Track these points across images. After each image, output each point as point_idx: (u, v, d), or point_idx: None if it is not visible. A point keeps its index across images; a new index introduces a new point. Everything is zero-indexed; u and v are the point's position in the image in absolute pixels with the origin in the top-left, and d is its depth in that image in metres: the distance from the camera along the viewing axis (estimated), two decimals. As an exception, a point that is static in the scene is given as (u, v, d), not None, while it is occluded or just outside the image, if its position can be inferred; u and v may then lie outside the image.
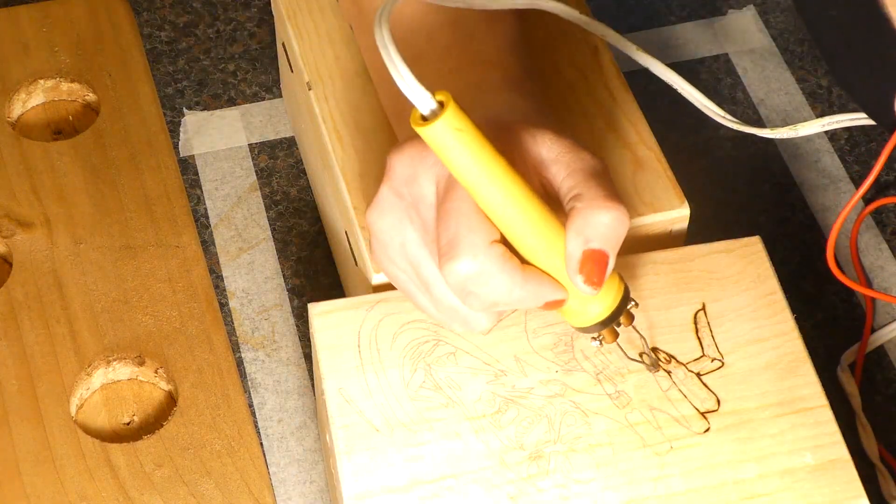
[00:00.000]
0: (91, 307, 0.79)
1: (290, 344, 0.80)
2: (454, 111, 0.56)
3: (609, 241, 0.60)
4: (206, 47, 0.93)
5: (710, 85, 0.92)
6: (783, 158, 0.88)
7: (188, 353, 0.78)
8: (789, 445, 0.63)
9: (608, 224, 0.59)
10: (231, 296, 0.82)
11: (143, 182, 0.85)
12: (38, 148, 0.86)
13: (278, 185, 0.86)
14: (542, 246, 0.60)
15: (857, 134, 0.90)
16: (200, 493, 0.73)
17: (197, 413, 0.76)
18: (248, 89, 0.91)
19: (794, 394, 0.65)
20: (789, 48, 0.94)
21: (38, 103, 0.89)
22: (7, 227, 0.82)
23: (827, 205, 0.86)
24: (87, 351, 0.78)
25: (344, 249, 0.77)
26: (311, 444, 0.76)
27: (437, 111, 0.56)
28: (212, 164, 0.87)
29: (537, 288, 0.60)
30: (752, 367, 0.66)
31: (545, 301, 0.61)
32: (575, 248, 0.59)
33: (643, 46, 0.93)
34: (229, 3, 0.95)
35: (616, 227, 0.60)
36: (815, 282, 0.83)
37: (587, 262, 0.59)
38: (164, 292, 0.80)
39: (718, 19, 0.95)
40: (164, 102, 0.90)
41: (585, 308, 0.62)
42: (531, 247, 0.60)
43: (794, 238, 0.85)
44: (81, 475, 0.73)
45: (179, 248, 0.82)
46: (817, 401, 0.64)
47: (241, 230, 0.84)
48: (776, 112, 0.91)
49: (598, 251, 0.59)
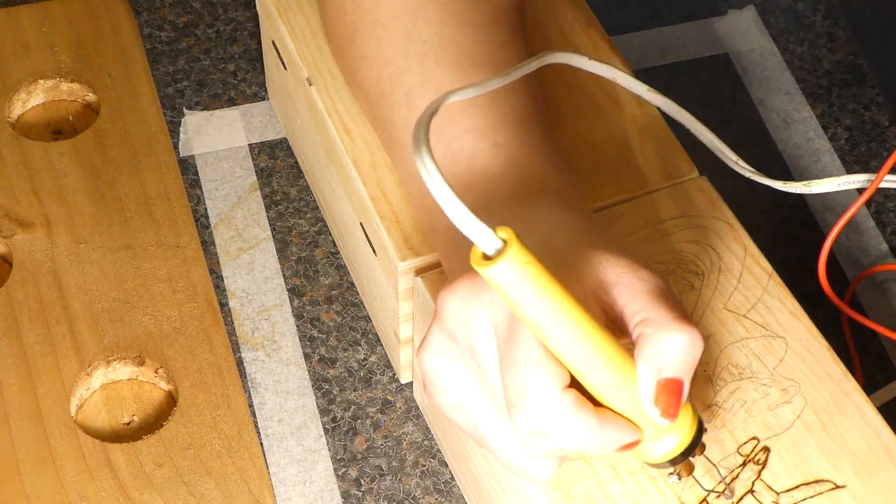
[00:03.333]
0: (91, 307, 0.79)
1: (290, 344, 0.80)
2: (518, 249, 0.52)
3: (683, 367, 0.56)
4: (206, 47, 0.93)
5: (710, 85, 0.92)
6: (783, 158, 0.88)
7: (188, 353, 0.78)
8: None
9: (681, 349, 0.56)
10: (231, 296, 0.82)
11: (143, 182, 0.85)
12: (38, 148, 0.86)
13: (278, 185, 0.86)
14: (614, 382, 0.56)
15: (857, 134, 0.90)
16: (200, 493, 0.73)
17: (197, 413, 0.76)
18: (248, 89, 0.91)
19: None
20: (789, 48, 0.94)
21: (38, 103, 0.89)
22: (7, 227, 0.82)
23: (827, 205, 0.86)
24: (87, 351, 0.78)
25: (356, 242, 0.77)
26: (311, 444, 0.76)
27: (500, 249, 0.52)
28: (212, 164, 0.87)
29: (613, 433, 0.56)
30: None
31: (621, 445, 0.57)
32: (648, 379, 0.56)
33: (643, 46, 0.93)
34: (229, 3, 0.95)
35: (690, 350, 0.56)
36: (815, 282, 0.83)
37: (662, 392, 0.56)
38: (164, 292, 0.80)
39: (718, 19, 0.95)
40: (164, 102, 0.90)
41: (661, 442, 0.58)
42: (603, 384, 0.56)
43: (794, 238, 0.85)
44: (81, 475, 0.73)
45: (179, 248, 0.82)
46: None
47: (241, 230, 0.84)
48: (776, 112, 0.90)
49: (673, 380, 0.56)
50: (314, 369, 0.79)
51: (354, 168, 0.73)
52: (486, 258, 0.52)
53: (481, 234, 0.51)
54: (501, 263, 0.51)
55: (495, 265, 0.51)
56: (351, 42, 0.72)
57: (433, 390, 0.60)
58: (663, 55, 0.93)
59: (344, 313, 0.81)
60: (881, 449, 0.64)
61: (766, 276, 0.69)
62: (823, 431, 0.64)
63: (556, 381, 0.55)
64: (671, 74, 0.92)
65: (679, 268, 0.69)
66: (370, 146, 0.74)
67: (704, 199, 0.72)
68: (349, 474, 0.75)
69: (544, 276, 0.53)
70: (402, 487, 0.75)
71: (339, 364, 0.79)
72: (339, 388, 0.78)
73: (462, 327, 0.57)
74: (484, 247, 0.51)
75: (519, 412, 0.55)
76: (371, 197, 0.72)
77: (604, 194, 0.73)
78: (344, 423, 0.77)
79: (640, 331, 0.56)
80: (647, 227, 0.71)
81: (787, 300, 0.69)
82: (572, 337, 0.54)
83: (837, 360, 0.67)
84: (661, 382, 0.56)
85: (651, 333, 0.56)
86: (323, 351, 0.80)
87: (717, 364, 0.66)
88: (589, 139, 0.76)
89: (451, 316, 0.58)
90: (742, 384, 0.65)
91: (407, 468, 0.76)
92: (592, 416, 0.56)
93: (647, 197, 0.73)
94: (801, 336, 0.67)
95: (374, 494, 0.75)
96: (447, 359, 0.58)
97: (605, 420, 0.56)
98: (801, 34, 0.95)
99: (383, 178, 0.73)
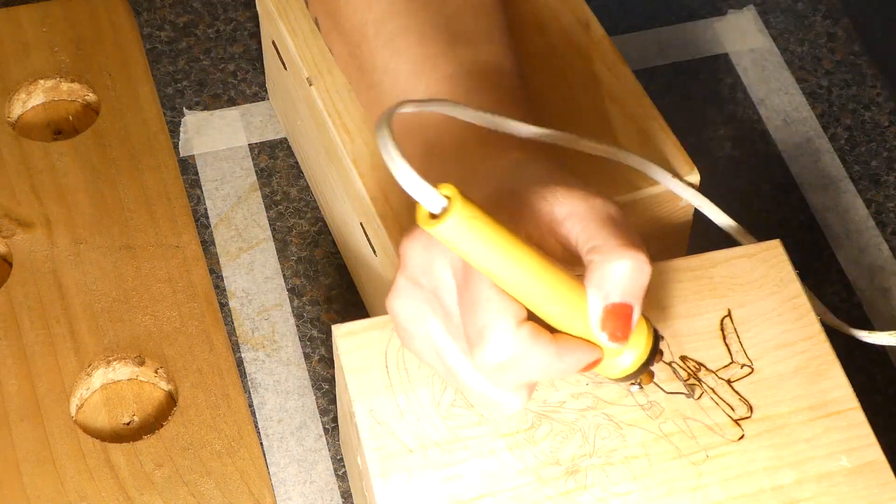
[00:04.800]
0: (91, 307, 0.79)
1: (290, 344, 0.80)
2: (461, 206, 0.53)
3: (630, 292, 0.57)
4: (206, 47, 0.93)
5: (710, 85, 0.92)
6: (783, 158, 0.88)
7: (188, 353, 0.78)
8: (824, 449, 0.63)
9: (627, 274, 0.57)
10: (231, 296, 0.82)
11: (143, 182, 0.85)
12: (38, 148, 0.86)
13: (278, 185, 0.86)
14: (569, 312, 0.58)
15: (857, 134, 0.90)
16: (200, 493, 0.73)
17: (197, 413, 0.76)
18: (248, 89, 0.91)
19: (826, 397, 0.64)
20: (789, 48, 0.94)
21: (38, 103, 0.89)
22: (7, 227, 0.82)
23: (827, 205, 0.86)
24: (87, 351, 0.78)
25: (356, 242, 0.77)
26: (311, 444, 0.76)
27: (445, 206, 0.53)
28: (212, 164, 0.87)
29: (573, 357, 0.58)
30: (782, 372, 0.65)
31: (582, 367, 0.59)
32: (595, 305, 0.58)
33: (643, 46, 0.93)
34: (229, 3, 0.95)
35: (636, 275, 0.57)
36: (815, 282, 0.83)
37: (609, 317, 0.57)
38: (164, 292, 0.80)
39: (718, 19, 0.95)
40: (164, 102, 0.90)
41: (618, 360, 0.60)
42: (558, 314, 0.58)
43: (794, 238, 0.85)
44: (81, 475, 0.73)
45: (179, 248, 0.82)
46: (849, 403, 0.64)
47: (241, 230, 0.84)
48: (776, 112, 0.90)
49: (620, 304, 0.57)
50: (314, 369, 0.79)
51: (355, 168, 0.73)
52: (433, 216, 0.54)
53: (425, 194, 0.53)
54: (447, 222, 0.53)
55: (440, 225, 0.53)
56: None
57: (404, 335, 0.61)
58: (663, 55, 0.93)
59: (344, 313, 0.81)
60: None
61: None
62: None
63: (511, 317, 0.57)
64: (671, 74, 0.92)
65: None
66: (370, 146, 0.74)
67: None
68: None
69: (490, 228, 0.54)
70: (402, 487, 0.75)
71: (339, 364, 0.79)
72: (339, 388, 0.78)
73: (424, 273, 0.59)
74: (429, 206, 0.53)
75: (480, 351, 0.57)
76: (371, 197, 0.72)
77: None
78: (344, 423, 0.77)
79: (588, 258, 0.58)
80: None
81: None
82: (524, 279, 0.56)
83: None
84: (607, 308, 0.57)
85: (598, 260, 0.57)
86: (323, 351, 0.80)
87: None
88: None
89: (413, 262, 0.59)
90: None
91: (407, 468, 0.76)
92: (550, 344, 0.58)
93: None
94: None
95: (374, 494, 0.75)
96: (414, 304, 0.60)
97: (564, 346, 0.58)
98: (801, 34, 0.95)
99: (384, 178, 0.73)
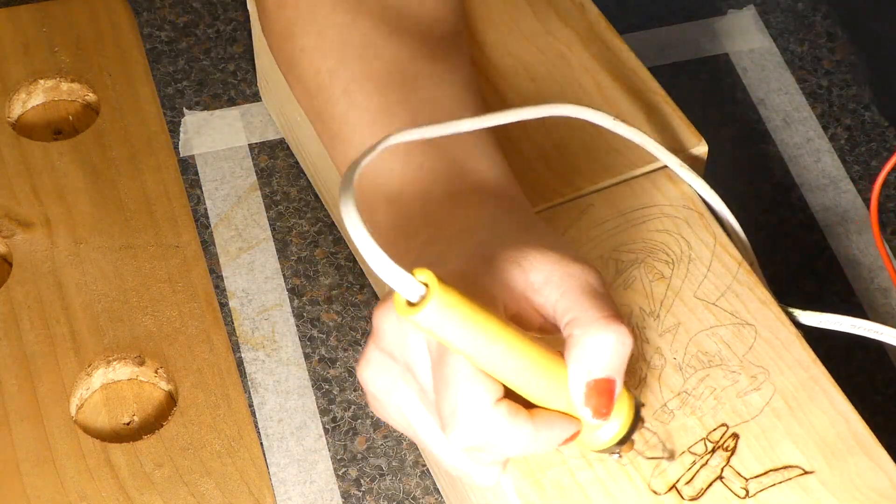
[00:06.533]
0: (91, 307, 0.79)
1: (290, 344, 0.80)
2: (440, 293, 0.52)
3: (612, 367, 0.56)
4: (206, 47, 0.93)
5: (710, 85, 0.92)
6: (783, 158, 0.88)
7: (188, 353, 0.78)
8: None
9: (609, 349, 0.56)
10: (231, 296, 0.82)
11: (143, 182, 0.85)
12: (38, 148, 0.86)
13: (278, 185, 0.86)
14: (548, 389, 0.56)
15: (857, 134, 0.90)
16: (200, 493, 0.73)
17: (197, 413, 0.76)
18: (248, 89, 0.91)
19: None
20: (789, 48, 0.94)
21: (38, 103, 0.89)
22: (7, 227, 0.82)
23: (827, 205, 0.86)
24: (87, 351, 0.78)
25: None
26: (311, 444, 0.76)
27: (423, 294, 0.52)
28: (212, 164, 0.87)
29: (551, 432, 0.57)
30: None
31: (560, 442, 0.58)
32: (578, 381, 0.56)
33: (643, 46, 0.93)
34: (229, 3, 0.95)
35: (618, 349, 0.56)
36: (815, 282, 0.83)
37: (592, 393, 0.56)
38: (164, 292, 0.80)
39: (718, 19, 0.95)
40: (164, 102, 0.90)
41: (598, 433, 0.59)
42: (536, 391, 0.56)
43: (794, 238, 0.85)
44: (81, 475, 0.73)
45: (179, 248, 0.82)
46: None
47: (241, 230, 0.84)
48: (776, 112, 0.90)
49: (602, 380, 0.56)
50: (314, 369, 0.79)
51: None
52: (410, 304, 0.52)
53: (402, 282, 0.51)
54: (425, 311, 0.51)
55: (419, 314, 0.52)
56: (291, 35, 0.71)
57: (376, 405, 0.60)
58: (663, 55, 0.93)
59: (344, 313, 0.81)
60: (849, 434, 0.64)
61: (735, 265, 0.69)
62: (792, 418, 0.64)
63: (487, 397, 0.55)
64: (671, 74, 0.92)
65: (649, 257, 0.69)
66: None
67: (675, 188, 0.72)
68: (349, 474, 0.75)
69: (468, 312, 0.53)
70: (402, 487, 0.75)
71: (339, 364, 0.79)
72: (339, 388, 0.78)
73: (399, 346, 0.57)
74: (407, 295, 0.51)
75: (452, 431, 0.55)
76: None
77: (574, 184, 0.72)
78: (344, 423, 0.77)
79: (568, 331, 0.56)
80: (618, 216, 0.71)
81: (757, 288, 0.69)
82: (502, 358, 0.54)
83: (806, 346, 0.67)
84: (590, 384, 0.56)
85: (579, 334, 0.56)
86: (323, 351, 0.80)
87: (686, 351, 0.66)
88: (560, 127, 0.75)
89: (387, 335, 0.57)
90: (711, 371, 0.66)
91: (407, 468, 0.76)
92: (527, 423, 0.56)
93: (617, 186, 0.73)
94: (770, 323, 0.67)
95: (374, 494, 0.75)
96: (387, 377, 0.58)
97: (541, 422, 0.56)
98: (801, 34, 0.95)
99: None
